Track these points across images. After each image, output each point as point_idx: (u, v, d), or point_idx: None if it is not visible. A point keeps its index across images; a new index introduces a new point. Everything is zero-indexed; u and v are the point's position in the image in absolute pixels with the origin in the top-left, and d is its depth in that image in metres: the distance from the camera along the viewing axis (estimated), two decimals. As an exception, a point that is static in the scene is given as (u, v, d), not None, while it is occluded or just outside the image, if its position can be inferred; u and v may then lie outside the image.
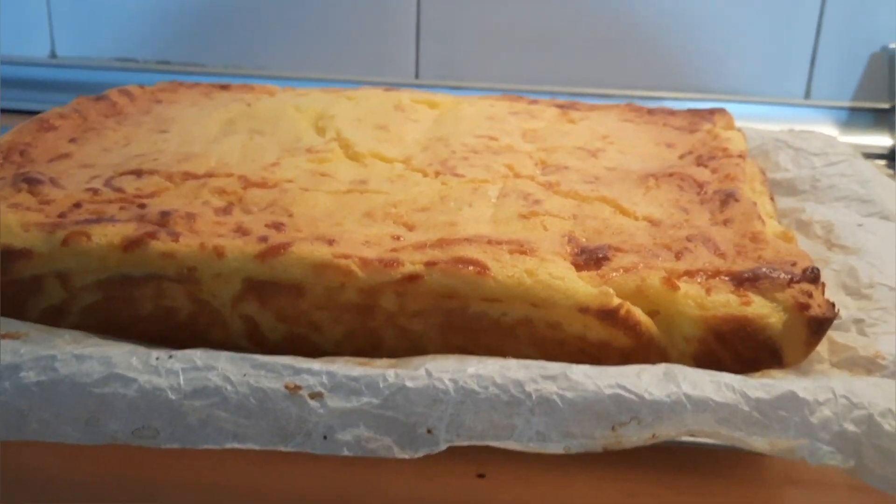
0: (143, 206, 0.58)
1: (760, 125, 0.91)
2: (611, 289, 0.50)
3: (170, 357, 0.47)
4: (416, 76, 1.15)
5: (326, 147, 0.69)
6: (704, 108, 0.82)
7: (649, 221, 0.58)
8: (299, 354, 0.50)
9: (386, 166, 0.66)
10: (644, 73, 1.11)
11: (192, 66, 1.17)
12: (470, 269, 0.50)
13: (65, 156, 0.68)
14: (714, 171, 0.66)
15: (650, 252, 0.54)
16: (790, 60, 1.09)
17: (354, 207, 0.59)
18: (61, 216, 0.56)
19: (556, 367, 0.45)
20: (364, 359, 0.49)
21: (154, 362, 0.47)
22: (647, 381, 0.44)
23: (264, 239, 0.53)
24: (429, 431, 0.44)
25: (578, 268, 0.52)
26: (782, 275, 0.50)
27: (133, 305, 0.54)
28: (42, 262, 0.53)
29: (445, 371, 0.45)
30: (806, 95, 1.10)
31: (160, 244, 0.52)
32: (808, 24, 1.07)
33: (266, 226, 0.56)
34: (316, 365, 0.46)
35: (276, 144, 0.70)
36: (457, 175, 0.65)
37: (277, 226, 0.56)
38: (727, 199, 0.61)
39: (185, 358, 0.47)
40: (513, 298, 0.50)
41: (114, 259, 0.53)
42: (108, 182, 0.62)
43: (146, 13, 1.16)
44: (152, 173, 0.63)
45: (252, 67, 1.16)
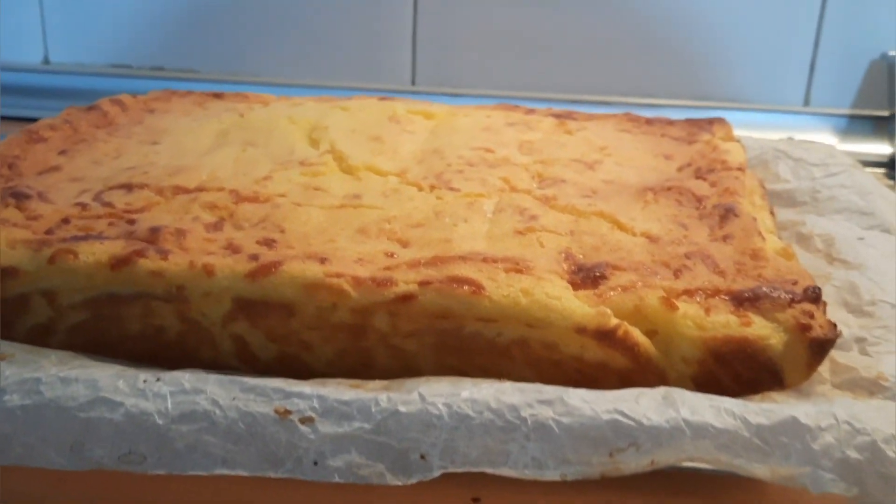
0: (133, 222, 0.57)
1: (759, 132, 0.90)
2: (608, 309, 0.49)
3: (157, 380, 0.46)
4: (413, 83, 1.14)
5: (320, 160, 0.68)
6: (703, 118, 0.82)
7: (647, 237, 0.57)
8: (290, 374, 0.50)
9: (380, 180, 0.65)
10: (642, 80, 1.10)
11: (187, 73, 1.16)
12: (465, 289, 0.49)
13: (54, 168, 0.67)
14: (713, 185, 0.65)
15: (648, 270, 0.53)
16: (789, 67, 1.08)
17: (348, 223, 0.58)
18: (48, 232, 0.56)
19: (553, 392, 0.44)
20: (356, 381, 0.48)
21: (141, 385, 0.46)
22: (646, 406, 0.43)
23: (255, 257, 0.52)
24: (422, 457, 0.43)
25: (575, 286, 0.51)
26: (783, 294, 0.50)
27: (121, 324, 0.53)
28: (28, 281, 0.52)
29: (439, 395, 0.44)
30: (805, 103, 1.09)
31: (149, 262, 0.51)
32: (808, 31, 1.06)
33: (257, 243, 0.55)
34: (307, 388, 0.45)
35: (269, 157, 0.69)
36: (452, 189, 0.64)
37: (269, 243, 0.55)
38: (727, 215, 0.60)
39: (173, 381, 0.46)
40: (508, 318, 0.49)
41: (101, 277, 0.52)
42: (98, 196, 0.61)
43: (140, 19, 1.15)
44: (142, 187, 0.62)
45: (247, 74, 1.15)
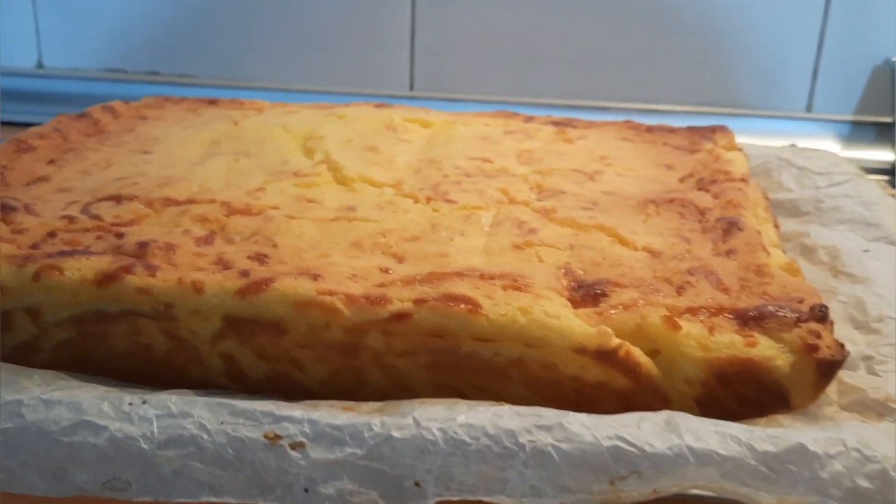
0: (121, 236, 0.56)
1: (761, 139, 0.88)
2: (609, 328, 0.47)
3: (143, 402, 0.44)
4: (411, 88, 1.13)
5: (314, 170, 0.67)
6: (705, 126, 0.80)
7: (649, 252, 0.56)
8: (281, 393, 0.49)
9: (375, 191, 0.64)
10: (643, 86, 1.09)
11: (182, 78, 1.15)
12: (461, 307, 0.48)
13: (42, 179, 0.66)
14: (716, 197, 0.64)
15: (650, 287, 0.51)
16: (792, 73, 1.07)
17: (342, 237, 0.57)
18: (34, 247, 0.54)
19: (552, 416, 0.43)
20: (349, 402, 0.46)
21: (126, 408, 0.44)
22: (648, 432, 0.42)
23: (246, 273, 0.50)
24: (416, 484, 0.42)
25: (575, 304, 0.50)
26: (789, 313, 0.48)
27: (107, 342, 0.51)
28: (12, 297, 0.51)
29: (434, 419, 0.43)
30: (808, 109, 1.08)
31: (136, 279, 0.50)
32: (811, 37, 1.05)
33: (248, 258, 0.53)
34: (297, 412, 0.44)
35: (262, 167, 0.67)
36: (449, 201, 0.62)
37: (260, 258, 0.53)
38: (730, 228, 0.58)
39: (160, 403, 0.44)
40: (506, 338, 0.47)
41: (87, 294, 0.50)
42: (86, 209, 0.60)
43: (135, 24, 1.14)
44: (132, 199, 0.61)
45: (244, 79, 1.14)
